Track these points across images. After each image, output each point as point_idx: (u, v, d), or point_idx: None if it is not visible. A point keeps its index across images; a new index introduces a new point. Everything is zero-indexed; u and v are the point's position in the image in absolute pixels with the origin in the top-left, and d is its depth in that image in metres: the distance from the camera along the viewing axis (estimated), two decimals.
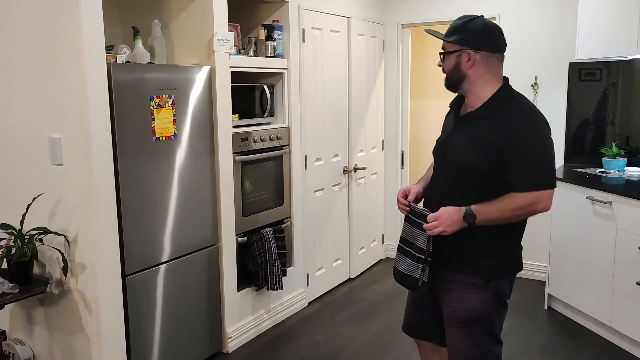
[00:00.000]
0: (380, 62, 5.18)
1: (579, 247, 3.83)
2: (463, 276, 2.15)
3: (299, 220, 4.17)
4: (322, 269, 4.52)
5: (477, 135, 2.08)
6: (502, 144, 2.01)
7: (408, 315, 2.46)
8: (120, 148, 2.78)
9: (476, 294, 2.14)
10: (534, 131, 2.04)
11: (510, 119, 2.04)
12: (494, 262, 2.14)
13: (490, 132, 2.04)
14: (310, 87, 4.17)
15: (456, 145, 2.16)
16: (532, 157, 2.02)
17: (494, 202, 2.04)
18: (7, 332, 3.13)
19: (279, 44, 3.88)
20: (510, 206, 2.03)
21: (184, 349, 3.25)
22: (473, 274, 2.14)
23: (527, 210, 2.05)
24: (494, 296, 2.16)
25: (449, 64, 2.16)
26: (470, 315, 2.15)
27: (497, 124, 2.05)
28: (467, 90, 2.16)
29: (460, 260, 2.15)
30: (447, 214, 2.05)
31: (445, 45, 2.17)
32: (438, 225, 2.05)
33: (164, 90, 2.99)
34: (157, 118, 2.95)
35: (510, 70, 4.59)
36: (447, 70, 2.18)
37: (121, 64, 2.87)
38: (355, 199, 4.85)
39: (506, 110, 2.07)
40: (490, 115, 2.08)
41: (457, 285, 2.17)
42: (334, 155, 4.57)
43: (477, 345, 2.18)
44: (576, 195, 3.80)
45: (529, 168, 2.02)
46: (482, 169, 2.06)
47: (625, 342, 3.54)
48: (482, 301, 2.15)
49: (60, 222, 2.78)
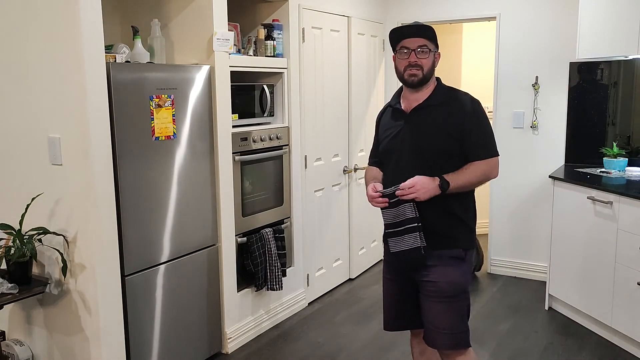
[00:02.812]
0: (381, 62, 5.17)
1: (579, 247, 3.82)
2: (446, 251, 2.34)
3: (298, 220, 4.17)
4: (322, 269, 4.52)
5: (439, 120, 2.33)
6: (462, 125, 2.30)
7: (388, 312, 2.60)
8: (120, 148, 2.77)
9: (458, 266, 2.35)
10: (481, 112, 2.37)
11: (463, 104, 2.34)
12: (467, 233, 2.39)
13: (450, 116, 2.31)
14: (310, 86, 4.16)
15: (417, 134, 2.36)
16: (486, 132, 2.36)
17: (460, 171, 2.30)
18: (6, 332, 3.12)
19: (278, 44, 3.87)
20: (476, 173, 2.31)
21: (184, 350, 3.24)
22: (454, 247, 2.35)
23: (486, 175, 2.35)
24: (469, 267, 2.42)
25: (429, 61, 2.35)
26: (455, 288, 2.34)
27: (454, 109, 2.33)
28: (426, 86, 2.38)
29: (442, 237, 2.33)
30: (422, 182, 2.26)
31: (427, 44, 2.34)
32: (414, 191, 2.25)
33: (164, 89, 2.98)
34: (157, 118, 2.95)
35: (510, 69, 4.71)
36: (426, 68, 2.34)
37: (120, 64, 2.86)
38: (355, 199, 4.84)
39: (456, 98, 2.37)
40: (444, 103, 2.35)
41: (440, 261, 2.33)
42: (334, 155, 4.57)
43: (462, 320, 2.37)
44: (577, 195, 3.80)
45: (485, 140, 2.35)
46: (448, 149, 2.30)
47: (626, 342, 3.54)
48: (462, 273, 2.37)
49: (59, 222, 2.78)
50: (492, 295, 4.52)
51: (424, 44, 2.32)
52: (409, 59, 2.33)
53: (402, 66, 2.36)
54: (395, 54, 2.40)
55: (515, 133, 4.76)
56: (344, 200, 4.74)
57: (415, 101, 2.39)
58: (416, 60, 2.32)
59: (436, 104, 2.36)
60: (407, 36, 2.33)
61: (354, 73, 4.70)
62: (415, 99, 2.39)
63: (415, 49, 2.32)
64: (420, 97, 2.39)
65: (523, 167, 4.75)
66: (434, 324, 2.37)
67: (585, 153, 4.40)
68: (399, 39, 2.37)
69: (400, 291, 2.49)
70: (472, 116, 2.33)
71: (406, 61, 2.34)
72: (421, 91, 2.38)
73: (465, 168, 2.31)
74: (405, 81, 2.38)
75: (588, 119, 4.42)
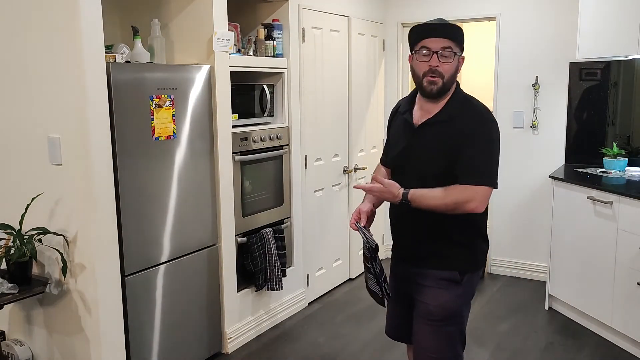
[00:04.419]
0: (381, 62, 5.16)
1: (579, 247, 3.82)
2: (437, 272, 2.18)
3: (298, 220, 4.16)
4: (322, 269, 4.51)
5: (442, 140, 2.09)
6: (460, 143, 2.04)
7: (390, 319, 2.48)
8: (120, 148, 2.77)
9: (451, 290, 2.17)
10: (487, 132, 2.08)
11: (469, 120, 2.07)
12: (465, 256, 2.19)
13: (453, 134, 2.07)
14: (310, 86, 4.16)
15: (420, 154, 2.15)
16: (482, 154, 2.05)
17: (431, 191, 2.06)
18: (6, 332, 3.12)
19: (278, 44, 3.86)
20: (446, 198, 2.04)
21: (184, 350, 3.24)
22: (447, 268, 2.17)
23: (459, 204, 2.04)
24: (465, 293, 2.21)
25: (451, 67, 2.07)
26: (444, 312, 2.17)
27: (460, 124, 2.07)
28: (444, 96, 2.12)
29: (435, 257, 2.18)
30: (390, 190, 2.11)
31: (452, 46, 2.05)
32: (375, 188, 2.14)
33: (164, 89, 2.98)
34: (157, 118, 2.94)
35: (510, 70, 4.70)
36: (447, 75, 2.06)
37: (120, 64, 2.86)
38: (355, 199, 4.83)
39: (467, 111, 2.10)
40: (453, 118, 2.09)
41: (431, 281, 2.19)
42: (334, 155, 4.56)
43: (451, 346, 2.21)
44: (577, 195, 3.79)
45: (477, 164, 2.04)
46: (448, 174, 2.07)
47: (626, 342, 3.53)
48: (456, 297, 2.18)
49: (59, 222, 2.78)
50: (492, 295, 4.52)
51: (449, 46, 2.03)
52: (429, 63, 2.04)
53: (422, 70, 2.07)
54: (413, 55, 2.10)
55: (515, 133, 4.75)
56: (344, 201, 4.74)
57: (427, 113, 2.14)
58: (438, 65, 2.03)
59: (445, 120, 2.10)
60: (430, 35, 2.04)
61: (354, 73, 4.70)
62: (427, 111, 2.15)
63: (437, 51, 2.03)
64: (433, 109, 2.13)
65: (523, 167, 4.75)
66: (420, 345, 2.24)
67: (585, 153, 4.40)
68: (419, 38, 2.07)
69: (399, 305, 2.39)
70: (472, 134, 2.04)
71: (426, 65, 2.05)
72: (437, 102, 2.12)
73: (440, 188, 2.05)
74: (423, 89, 2.11)
75: (588, 119, 4.42)
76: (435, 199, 2.05)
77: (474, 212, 2.06)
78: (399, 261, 2.37)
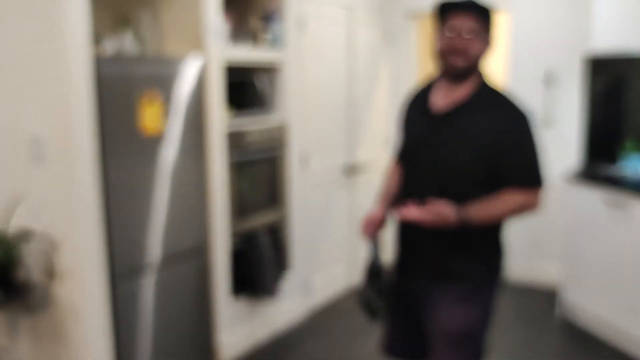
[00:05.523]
0: (384, 54, 5.00)
1: (594, 251, 3.67)
2: (452, 286, 2.03)
3: (296, 222, 4.01)
4: (321, 274, 4.36)
5: (472, 132, 1.94)
6: (500, 140, 1.91)
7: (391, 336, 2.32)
8: (107, 146, 2.68)
9: (463, 306, 2.02)
10: (528, 127, 1.97)
11: (506, 113, 1.95)
12: (482, 267, 2.06)
13: (487, 127, 1.92)
14: (309, 80, 4.02)
15: (442, 147, 1.98)
16: (529, 153, 1.96)
17: (486, 202, 1.92)
18: None
19: (276, 35, 3.72)
20: (508, 205, 1.94)
21: None
22: (463, 282, 2.02)
23: (522, 208, 1.97)
24: (481, 309, 2.06)
25: (477, 47, 1.93)
26: (461, 329, 2.02)
27: (495, 118, 1.93)
28: (467, 80, 1.98)
29: (448, 270, 2.03)
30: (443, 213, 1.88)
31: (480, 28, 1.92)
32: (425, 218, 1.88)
33: (153, 84, 2.85)
34: (146, 114, 2.82)
35: (522, 62, 4.53)
36: (473, 54, 1.92)
37: (108, 57, 2.76)
38: (356, 200, 4.69)
39: (501, 103, 1.98)
40: (484, 108, 1.95)
41: (446, 297, 2.03)
42: (334, 155, 4.42)
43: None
44: (591, 195, 3.65)
45: (527, 164, 1.96)
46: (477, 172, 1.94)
47: None
48: (469, 314, 2.03)
49: (43, 226, 2.69)
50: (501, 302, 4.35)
51: (477, 26, 1.92)
52: (453, 42, 1.92)
53: (445, 47, 1.94)
54: (440, 30, 1.97)
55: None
56: (344, 201, 4.59)
57: (450, 99, 1.99)
58: (463, 45, 1.91)
59: (474, 110, 1.95)
60: (459, 12, 1.92)
61: (355, 67, 4.55)
62: (451, 97, 1.99)
63: (464, 30, 1.91)
64: (457, 94, 1.98)
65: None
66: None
67: (601, 151, 4.22)
68: (448, 13, 1.95)
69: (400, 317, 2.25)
70: (514, 130, 1.93)
71: (453, 40, 1.92)
72: (461, 86, 1.97)
73: (494, 198, 1.92)
74: (447, 67, 1.96)
75: (604, 116, 4.23)
76: (494, 211, 1.94)
77: (532, 211, 2.01)
78: (406, 274, 2.18)
